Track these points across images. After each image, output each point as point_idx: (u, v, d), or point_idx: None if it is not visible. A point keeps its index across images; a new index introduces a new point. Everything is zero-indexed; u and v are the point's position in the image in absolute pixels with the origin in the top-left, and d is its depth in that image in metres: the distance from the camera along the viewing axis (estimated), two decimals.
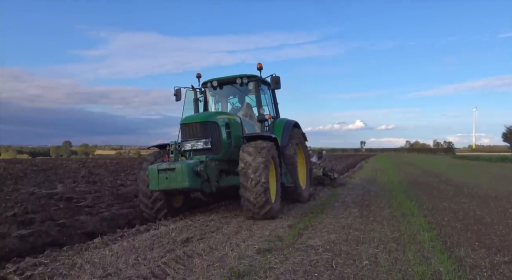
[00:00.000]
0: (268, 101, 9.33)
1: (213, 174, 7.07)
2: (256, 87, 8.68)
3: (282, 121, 9.32)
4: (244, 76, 8.60)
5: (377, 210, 7.90)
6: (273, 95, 9.75)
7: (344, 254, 4.62)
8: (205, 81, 9.16)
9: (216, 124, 7.39)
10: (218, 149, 7.34)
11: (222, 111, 9.10)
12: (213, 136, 7.32)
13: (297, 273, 3.95)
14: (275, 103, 9.84)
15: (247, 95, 9.19)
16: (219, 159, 7.37)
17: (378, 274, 3.89)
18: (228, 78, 8.84)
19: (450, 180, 15.38)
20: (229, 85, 8.93)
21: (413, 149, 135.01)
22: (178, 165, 6.51)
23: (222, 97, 9.55)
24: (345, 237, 5.52)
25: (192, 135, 7.36)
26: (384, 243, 5.10)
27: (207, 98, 9.41)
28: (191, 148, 7.30)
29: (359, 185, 13.39)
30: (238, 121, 8.05)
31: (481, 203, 8.78)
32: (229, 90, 9.23)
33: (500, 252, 4.71)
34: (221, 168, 7.42)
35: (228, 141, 7.53)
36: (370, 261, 4.33)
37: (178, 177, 6.47)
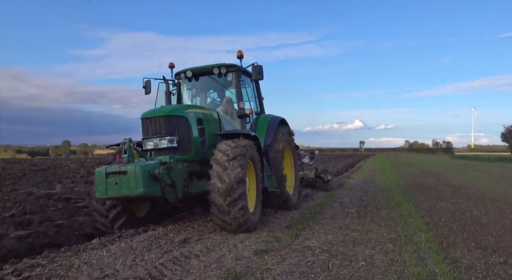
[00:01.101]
0: (251, 95, 8.30)
1: (179, 178, 6.01)
2: (236, 78, 7.68)
3: (266, 117, 8.30)
4: (222, 65, 7.61)
5: (375, 210, 7.93)
6: (257, 88, 8.70)
7: (340, 255, 4.64)
8: (178, 72, 8.12)
9: (184, 119, 6.34)
10: (187, 149, 6.31)
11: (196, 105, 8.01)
12: (180, 133, 6.27)
13: (294, 274, 3.98)
14: (259, 97, 8.74)
15: (228, 88, 8.11)
16: (189, 160, 6.34)
17: (374, 275, 3.92)
18: (204, 68, 7.81)
19: (448, 180, 15.42)
20: (206, 76, 7.85)
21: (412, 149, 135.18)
22: (130, 168, 5.40)
23: (201, 91, 8.52)
24: (342, 238, 5.55)
25: (154, 132, 6.24)
26: (381, 244, 5.13)
27: (181, 91, 8.36)
28: (154, 147, 6.20)
29: (358, 186, 13.42)
30: (215, 117, 7.13)
31: (479, 203, 8.81)
32: (206, 83, 8.12)
33: (495, 253, 4.74)
34: (192, 171, 6.39)
35: (200, 139, 6.52)
36: (367, 262, 4.36)
37: (130, 182, 5.34)
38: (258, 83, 8.71)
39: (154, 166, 5.58)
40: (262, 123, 8.08)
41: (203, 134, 6.64)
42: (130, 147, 5.73)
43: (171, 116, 6.28)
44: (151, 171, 5.50)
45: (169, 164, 5.82)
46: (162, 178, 5.60)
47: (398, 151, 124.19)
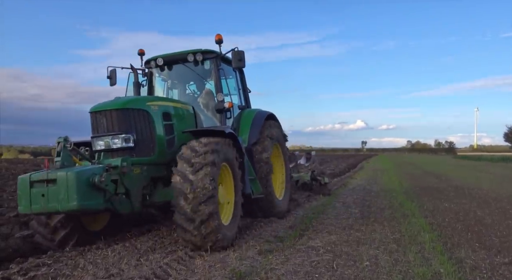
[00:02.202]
0: (233, 86, 7.33)
1: (136, 186, 5.02)
2: (215, 66, 6.60)
3: (251, 112, 7.26)
4: (198, 51, 6.53)
5: (378, 211, 7.93)
6: (241, 79, 7.64)
7: (345, 255, 4.64)
8: (149, 59, 7.02)
9: (145, 113, 5.36)
10: (148, 149, 5.34)
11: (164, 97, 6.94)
12: (139, 131, 5.28)
13: (298, 274, 3.98)
14: (244, 89, 7.67)
15: (206, 79, 6.98)
16: (151, 163, 5.34)
17: (378, 275, 3.92)
18: (177, 54, 6.73)
19: (451, 180, 15.40)
20: (180, 64, 6.75)
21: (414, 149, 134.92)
22: (61, 175, 4.28)
23: (178, 83, 7.38)
24: (346, 238, 5.55)
25: (106, 129, 5.17)
26: (385, 244, 5.13)
27: (153, 82, 7.26)
28: (105, 147, 5.11)
29: (360, 186, 13.42)
30: (190, 111, 6.24)
31: (482, 204, 8.80)
32: (183, 73, 6.99)
33: (500, 253, 4.74)
34: (156, 176, 5.42)
35: (167, 138, 5.57)
36: (371, 262, 4.36)
37: (61, 194, 4.24)
38: (243, 73, 7.67)
39: (95, 172, 4.45)
40: (246, 119, 7.04)
41: (171, 132, 5.68)
42: (65, 147, 4.58)
43: (126, 110, 5.22)
44: (90, 179, 4.36)
45: (120, 169, 4.73)
46: (105, 187, 4.49)
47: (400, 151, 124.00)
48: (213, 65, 6.63)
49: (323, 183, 11.07)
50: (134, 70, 7.02)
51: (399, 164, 32.88)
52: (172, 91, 7.35)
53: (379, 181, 15.63)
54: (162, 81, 7.30)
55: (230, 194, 5.53)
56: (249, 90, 7.83)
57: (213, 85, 6.80)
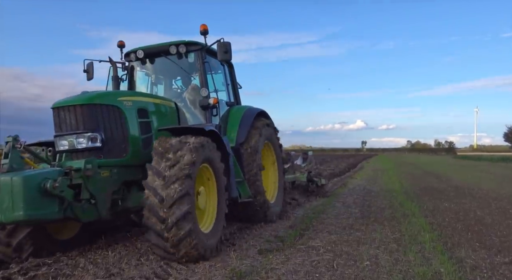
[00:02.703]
0: (221, 81, 6.84)
1: (102, 191, 4.49)
2: (200, 59, 6.11)
3: (241, 109, 6.78)
4: (181, 42, 6.06)
5: (378, 210, 7.93)
6: (230, 73, 7.19)
7: (345, 255, 4.65)
8: (128, 52, 6.50)
9: (116, 109, 4.86)
10: (120, 150, 4.84)
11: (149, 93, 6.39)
12: (108, 129, 4.78)
13: (299, 274, 3.99)
14: (233, 84, 7.21)
15: (192, 74, 6.51)
16: (124, 165, 4.84)
17: (379, 275, 3.92)
18: (158, 46, 6.27)
19: (451, 180, 15.40)
20: (163, 57, 6.26)
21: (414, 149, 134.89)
22: (5, 180, 3.78)
23: (164, 78, 6.87)
24: (346, 237, 5.56)
25: (70, 127, 4.65)
26: (385, 244, 5.14)
27: (134, 76, 6.71)
28: (69, 147, 4.61)
29: (360, 186, 13.42)
30: (172, 108, 5.77)
31: (482, 204, 8.80)
32: (167, 66, 6.47)
33: (500, 253, 4.74)
34: (129, 179, 4.88)
35: (142, 137, 5.06)
36: (371, 261, 4.36)
37: (4, 202, 3.76)
38: (232, 68, 7.24)
39: (47, 176, 3.91)
40: (235, 116, 6.58)
41: (148, 130, 5.18)
42: (15, 148, 4.03)
43: (93, 105, 4.71)
44: (41, 184, 3.83)
45: (83, 172, 4.21)
46: (60, 193, 3.95)
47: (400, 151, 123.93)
48: (198, 58, 6.14)
49: (320, 185, 10.62)
50: (113, 64, 6.46)
51: (399, 164, 32.88)
52: (157, 87, 6.79)
53: (379, 181, 15.63)
54: (146, 76, 6.74)
55: (212, 199, 4.99)
56: (239, 86, 7.40)
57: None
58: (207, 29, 5.98)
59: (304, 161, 11.30)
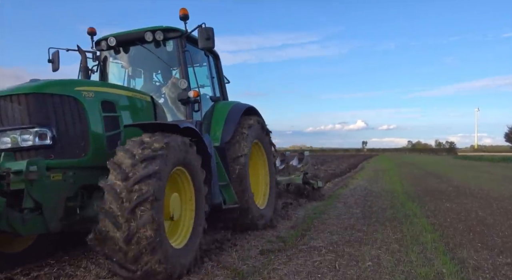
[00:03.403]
0: (204, 74, 6.23)
1: (52, 198, 3.76)
2: (179, 48, 5.46)
3: (226, 105, 6.16)
4: (158, 28, 5.37)
5: (380, 211, 7.92)
6: (216, 66, 6.58)
7: (347, 255, 4.65)
8: (99, 39, 5.80)
9: (72, 100, 4.12)
10: (77, 148, 4.09)
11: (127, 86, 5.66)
12: (62, 123, 4.05)
13: (301, 274, 3.99)
14: (219, 77, 6.60)
15: (172, 66, 5.77)
16: (83, 167, 4.10)
17: (381, 276, 3.92)
18: (132, 33, 5.56)
19: (452, 181, 15.39)
20: (138, 46, 5.57)
21: (415, 149, 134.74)
22: None
23: (143, 71, 6.18)
24: (347, 238, 5.55)
25: (13, 120, 3.95)
26: (387, 244, 5.14)
27: (107, 68, 6.00)
28: (12, 145, 3.89)
29: (361, 186, 13.40)
30: (147, 102, 5.10)
31: (484, 204, 8.79)
32: (143, 57, 5.77)
33: (502, 253, 4.74)
34: (91, 184, 3.99)
35: (108, 134, 4.35)
36: (373, 262, 4.36)
37: None
38: (218, 60, 6.62)
39: None
40: (220, 112, 5.96)
41: (116, 126, 4.49)
42: None
43: (42, 95, 3.99)
44: None
45: (25, 175, 3.49)
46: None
47: (401, 152, 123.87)
48: (177, 46, 5.47)
49: (316, 188, 9.94)
50: (82, 53, 5.72)
51: (399, 164, 32.86)
52: (135, 81, 6.11)
53: (380, 181, 15.62)
54: (122, 69, 6.05)
55: (189, 208, 4.32)
56: (227, 81, 6.81)
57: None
58: (187, 14, 5.28)
59: (300, 161, 10.64)
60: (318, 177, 10.82)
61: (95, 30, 5.93)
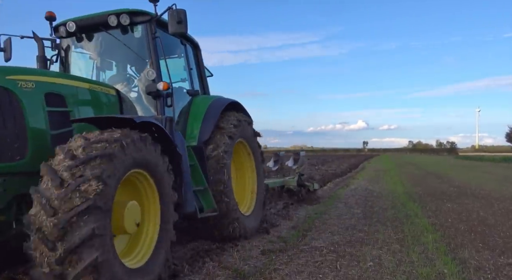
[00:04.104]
0: (180, 65, 5.61)
1: None
2: (149, 33, 4.74)
3: (206, 100, 5.53)
4: (123, 11, 4.67)
5: (381, 211, 7.92)
6: (196, 56, 5.90)
7: (348, 256, 4.65)
8: (57, 25, 5.02)
9: (4, 92, 3.49)
10: (10, 150, 3.45)
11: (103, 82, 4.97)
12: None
13: (302, 274, 3.99)
14: (199, 69, 5.93)
15: (144, 55, 4.86)
16: (19, 173, 3.45)
17: (382, 276, 3.92)
18: (94, 17, 4.81)
19: (453, 181, 15.38)
20: (103, 32, 4.81)
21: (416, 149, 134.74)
22: None
23: (114, 62, 5.43)
24: (349, 238, 5.55)
25: None
26: (388, 245, 5.13)
27: (69, 58, 5.21)
28: None
29: (362, 186, 13.39)
30: (112, 96, 4.51)
31: (485, 204, 8.79)
32: (111, 45, 5.01)
33: (504, 253, 4.73)
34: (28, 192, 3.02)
35: (54, 133, 3.73)
36: (374, 262, 4.36)
37: None
38: (198, 50, 5.92)
39: None
40: (198, 108, 5.33)
41: (65, 123, 3.83)
42: None
43: None
44: None
45: None
46: None
47: (402, 152, 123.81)
48: (146, 32, 4.77)
49: (312, 190, 9.38)
50: (38, 40, 4.96)
51: (400, 165, 32.83)
52: (105, 74, 5.35)
53: (381, 181, 15.60)
54: (91, 60, 5.29)
55: (152, 219, 3.67)
56: (209, 74, 6.22)
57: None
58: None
59: (296, 162, 10.01)
60: (314, 179, 10.24)
61: (54, 14, 5.04)
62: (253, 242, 5.39)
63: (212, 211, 4.87)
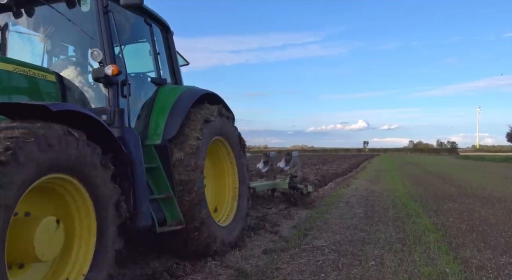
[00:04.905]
0: (146, 49, 4.80)
1: None
2: (99, 7, 3.92)
3: (175, 90, 4.67)
4: None
5: (382, 210, 7.92)
6: (166, 39, 5.03)
7: (350, 255, 4.65)
8: None
9: None
10: None
11: None
12: None
13: (304, 274, 3.99)
14: (169, 56, 5.08)
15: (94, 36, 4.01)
16: None
17: (384, 275, 3.93)
18: None
19: (454, 181, 15.37)
20: (43, 4, 3.93)
21: (417, 149, 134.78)
22: None
23: (62, 43, 4.57)
24: (350, 237, 5.56)
25: None
26: (390, 244, 5.13)
27: (6, 38, 4.38)
28: None
29: (363, 186, 13.39)
30: (52, 82, 3.68)
31: (486, 204, 8.79)
32: (53, 22, 4.21)
33: (506, 253, 4.74)
34: None
35: None
36: (376, 261, 4.36)
37: None
38: (168, 32, 5.05)
39: None
40: (165, 100, 4.48)
41: None
42: None
43: None
44: None
45: None
46: None
47: (402, 151, 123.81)
48: (96, 5, 3.93)
49: (306, 193, 8.58)
50: None
51: (401, 164, 32.82)
52: (53, 58, 4.52)
53: (381, 181, 15.60)
54: (40, 43, 4.48)
55: (84, 236, 2.87)
56: (185, 62, 5.54)
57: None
58: None
59: (288, 163, 9.28)
60: (308, 181, 9.56)
61: None
62: (255, 241, 5.39)
63: (177, 223, 4.03)
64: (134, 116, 4.24)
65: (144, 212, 3.59)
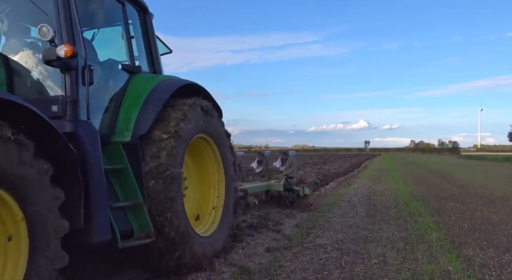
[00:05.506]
0: (116, 33, 4.17)
1: None
2: None
3: (151, 80, 4.07)
4: None
5: (384, 209, 7.93)
6: (144, 22, 4.41)
7: (352, 253, 4.67)
8: None
9: None
10: None
11: None
12: None
13: (307, 271, 4.01)
14: (147, 41, 4.45)
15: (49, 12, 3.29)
16: None
17: (387, 273, 3.94)
18: None
19: (456, 180, 15.37)
20: None
21: (418, 149, 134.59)
22: None
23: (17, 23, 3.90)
24: (353, 236, 5.57)
25: None
26: (392, 242, 5.15)
27: None
28: None
29: (365, 185, 13.40)
30: None
31: (488, 203, 8.79)
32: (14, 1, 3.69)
33: (508, 251, 4.75)
34: None
35: None
36: (379, 260, 4.38)
37: None
38: (146, 14, 4.43)
39: None
40: (138, 90, 3.88)
41: None
42: None
43: None
44: None
45: None
46: None
47: (404, 151, 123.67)
48: None
49: (302, 195, 8.08)
50: None
51: (402, 164, 32.79)
52: (11, 40, 3.83)
53: (383, 180, 15.61)
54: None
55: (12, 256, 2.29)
56: (168, 50, 5.05)
57: None
58: None
59: (284, 163, 8.70)
60: (305, 182, 9.17)
61: None
62: (258, 239, 5.41)
63: (146, 236, 3.36)
64: (100, 108, 3.65)
65: (101, 224, 2.93)
